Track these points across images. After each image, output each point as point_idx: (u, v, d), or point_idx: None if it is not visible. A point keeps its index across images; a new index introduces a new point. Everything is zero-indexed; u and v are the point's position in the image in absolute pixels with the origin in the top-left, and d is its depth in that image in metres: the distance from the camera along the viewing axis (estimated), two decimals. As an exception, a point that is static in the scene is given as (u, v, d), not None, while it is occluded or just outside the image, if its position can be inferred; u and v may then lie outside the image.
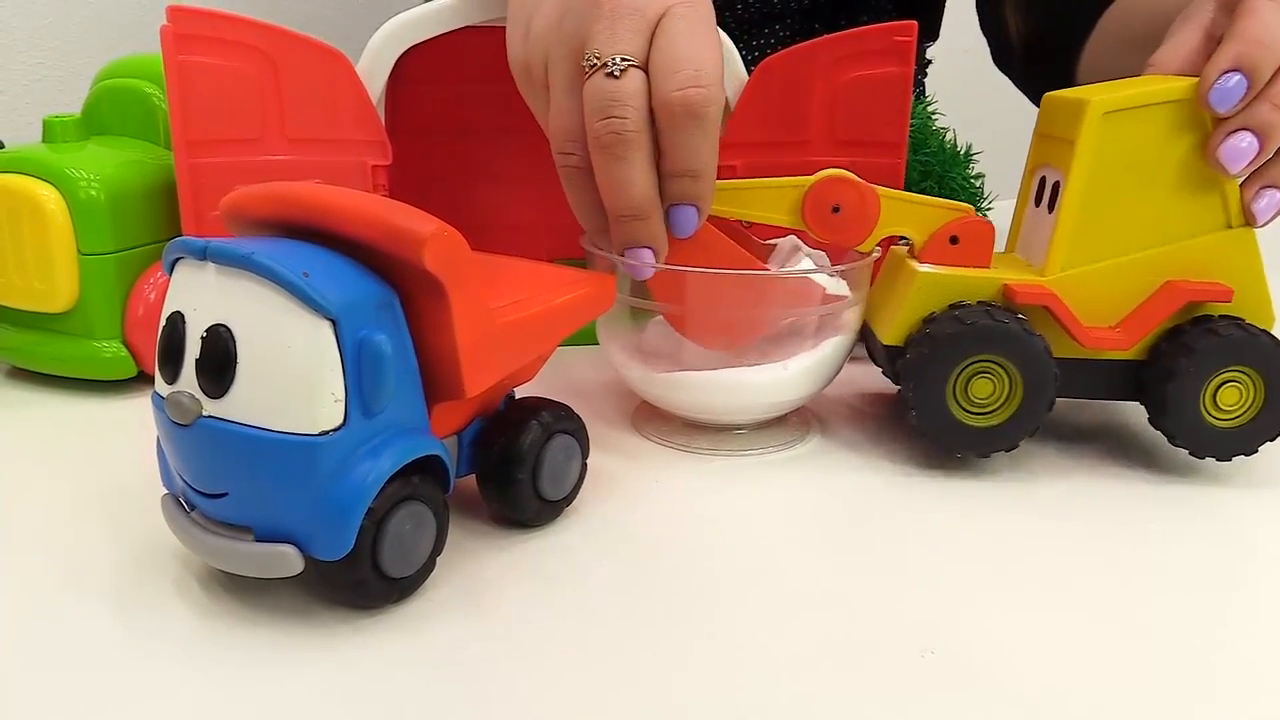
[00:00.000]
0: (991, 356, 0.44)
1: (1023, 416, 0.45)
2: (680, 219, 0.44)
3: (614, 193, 0.42)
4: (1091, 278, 0.46)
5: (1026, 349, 0.44)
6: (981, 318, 0.44)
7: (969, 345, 0.44)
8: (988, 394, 0.45)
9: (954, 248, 0.46)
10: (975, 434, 0.45)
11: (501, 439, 0.39)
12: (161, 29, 0.49)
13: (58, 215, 0.51)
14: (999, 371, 0.44)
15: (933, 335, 0.44)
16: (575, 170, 0.44)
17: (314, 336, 0.32)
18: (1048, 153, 0.48)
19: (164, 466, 0.36)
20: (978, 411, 0.45)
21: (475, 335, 0.35)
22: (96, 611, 0.35)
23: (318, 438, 0.32)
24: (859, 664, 0.33)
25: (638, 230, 0.43)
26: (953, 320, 0.44)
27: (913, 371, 0.45)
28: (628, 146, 0.41)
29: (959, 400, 0.45)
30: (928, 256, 0.47)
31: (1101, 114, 0.44)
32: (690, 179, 0.43)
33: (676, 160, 0.42)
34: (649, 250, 0.44)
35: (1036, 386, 0.44)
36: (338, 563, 0.33)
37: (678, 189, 0.43)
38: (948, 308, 0.45)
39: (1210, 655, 0.34)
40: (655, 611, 0.36)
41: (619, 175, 0.42)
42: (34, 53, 1.08)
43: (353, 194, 0.35)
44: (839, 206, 0.46)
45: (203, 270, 0.33)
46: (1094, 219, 0.45)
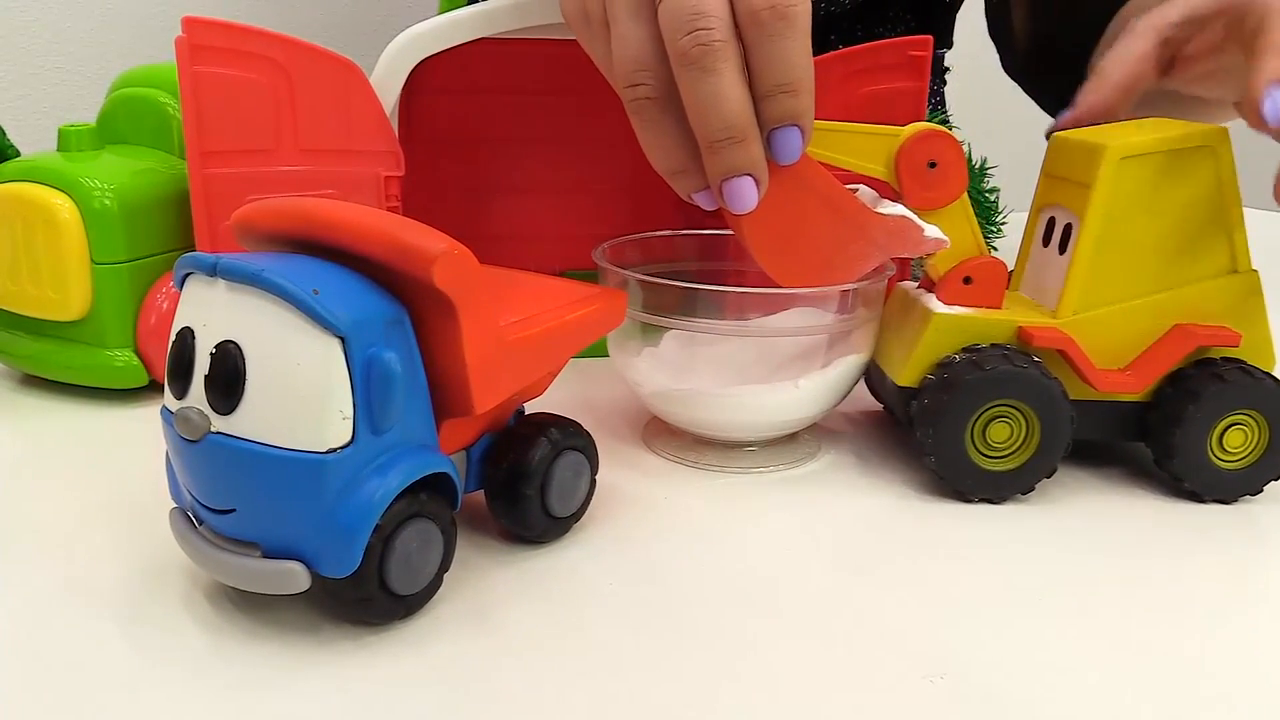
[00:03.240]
0: (1010, 401, 0.44)
1: (1039, 460, 0.45)
2: (783, 141, 0.40)
3: (707, 112, 0.38)
4: (1103, 320, 0.46)
5: (1045, 394, 0.44)
6: (1000, 363, 0.44)
7: (989, 391, 0.44)
8: (1005, 438, 0.44)
9: (968, 288, 0.46)
10: (992, 478, 0.45)
11: (510, 455, 0.39)
12: (176, 40, 0.50)
13: (71, 224, 0.51)
14: (1017, 416, 0.44)
15: (952, 381, 0.44)
16: (648, 102, 0.40)
17: (323, 354, 0.32)
18: (1057, 193, 0.48)
19: (172, 480, 0.36)
20: (995, 456, 0.45)
21: (484, 352, 0.35)
22: (103, 625, 0.35)
23: (325, 455, 0.32)
24: (867, 686, 0.33)
25: (736, 154, 0.39)
26: (971, 365, 0.44)
27: (932, 417, 0.44)
28: (717, 57, 0.37)
29: (976, 445, 0.44)
30: (943, 296, 0.46)
31: (1119, 159, 0.44)
32: (789, 94, 0.39)
33: (771, 74, 0.38)
34: (749, 179, 0.39)
35: (1053, 430, 0.44)
36: (345, 580, 0.33)
37: (776, 108, 0.39)
38: (962, 350, 0.45)
39: (1225, 673, 0.34)
40: (662, 630, 0.36)
41: (712, 90, 0.38)
42: (50, 60, 1.08)
43: (363, 210, 0.35)
44: (935, 162, 0.44)
45: (213, 286, 0.33)
46: (1107, 262, 0.45)
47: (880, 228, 0.44)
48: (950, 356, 0.45)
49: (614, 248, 0.51)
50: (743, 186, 0.40)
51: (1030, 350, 0.45)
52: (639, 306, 0.47)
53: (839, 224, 0.43)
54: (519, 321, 0.38)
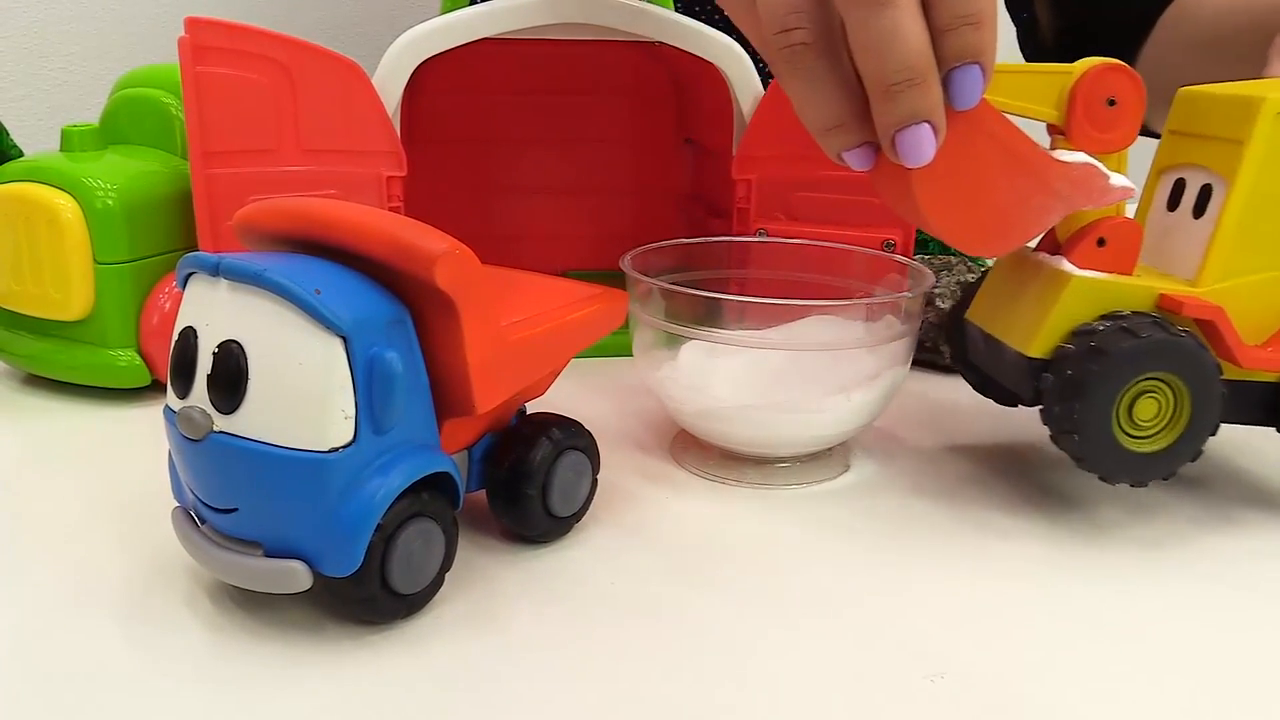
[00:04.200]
0: (1162, 375, 0.40)
1: (1186, 441, 0.41)
2: (963, 82, 0.35)
3: (882, 52, 0.34)
4: (1247, 290, 0.42)
5: (1200, 366, 0.40)
6: (1154, 330, 0.40)
7: (1142, 361, 0.40)
8: (1152, 415, 0.41)
9: (1101, 250, 0.42)
10: (1137, 460, 0.41)
11: (512, 455, 0.39)
12: (179, 40, 0.50)
13: (74, 224, 0.51)
14: (1165, 391, 0.41)
15: (1101, 349, 0.39)
16: (804, 48, 0.35)
17: (325, 354, 0.32)
18: (1191, 152, 0.44)
19: (175, 479, 0.36)
20: (1140, 435, 0.41)
21: (486, 352, 0.35)
22: (105, 624, 0.35)
23: (328, 455, 0.32)
24: (868, 687, 0.33)
25: (915, 98, 0.35)
26: (1122, 333, 0.40)
27: (1074, 390, 0.40)
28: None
29: (1122, 422, 0.41)
30: (1077, 259, 0.42)
31: (1275, 113, 0.41)
32: (971, 27, 0.34)
33: (951, 4, 0.34)
34: (927, 126, 0.35)
35: (1204, 408, 0.41)
36: (347, 579, 0.33)
37: (957, 43, 0.35)
38: (1102, 318, 0.41)
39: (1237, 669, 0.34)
40: (664, 630, 0.36)
41: (890, 25, 0.34)
42: (53, 61, 1.08)
43: (365, 210, 0.35)
44: (1115, 99, 0.41)
45: (215, 286, 0.33)
46: (1256, 226, 0.42)
47: (1063, 177, 0.40)
48: (1089, 324, 0.41)
49: (641, 255, 0.49)
50: (920, 135, 0.35)
51: (1174, 320, 0.41)
52: (661, 315, 0.46)
53: (1020, 175, 0.39)
54: (520, 321, 0.38)
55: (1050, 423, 0.41)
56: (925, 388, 0.58)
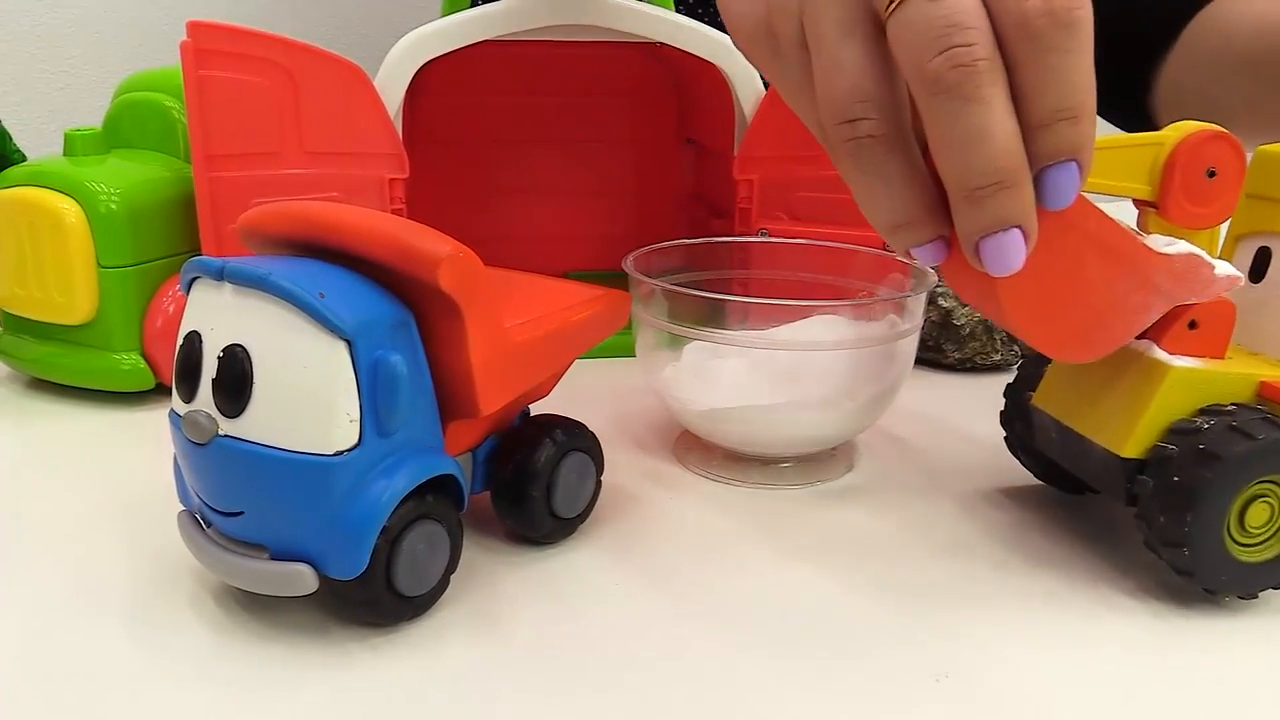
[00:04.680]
0: (1277, 477, 0.37)
1: None
2: (1059, 182, 0.31)
3: (968, 152, 0.30)
4: None
5: None
6: (1268, 429, 0.36)
7: (1258, 465, 0.36)
8: (1264, 521, 0.37)
9: (1193, 334, 0.38)
10: (1249, 571, 0.37)
11: (515, 456, 0.39)
12: (181, 44, 0.50)
13: (78, 228, 0.52)
14: (1278, 494, 0.37)
15: (1213, 453, 0.36)
16: (872, 141, 0.31)
17: (329, 357, 0.32)
18: (1275, 219, 0.41)
19: (180, 483, 0.36)
20: (1251, 544, 0.37)
21: (490, 354, 0.35)
22: (111, 627, 0.35)
23: (333, 458, 0.32)
24: (873, 687, 0.33)
25: (1005, 203, 0.30)
26: (1234, 433, 0.36)
27: (1184, 498, 0.36)
28: (982, 81, 0.29)
29: (1232, 532, 0.37)
30: (1169, 346, 0.38)
31: None
32: (1069, 122, 0.30)
33: (1049, 97, 0.30)
34: (1018, 232, 0.31)
35: None
36: (352, 581, 0.33)
37: (1053, 140, 0.31)
38: (1199, 413, 0.37)
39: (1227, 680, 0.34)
40: (668, 631, 0.36)
41: (978, 124, 0.30)
42: (54, 64, 1.09)
43: (368, 213, 0.35)
44: (1215, 170, 0.38)
45: (219, 290, 0.33)
46: None
47: (1165, 270, 0.36)
48: (1190, 421, 0.37)
49: (643, 256, 0.49)
50: (1008, 243, 0.31)
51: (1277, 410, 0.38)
52: (665, 316, 0.46)
53: (1117, 273, 0.35)
54: (524, 323, 0.38)
55: (1152, 533, 0.37)
56: (927, 387, 0.59)
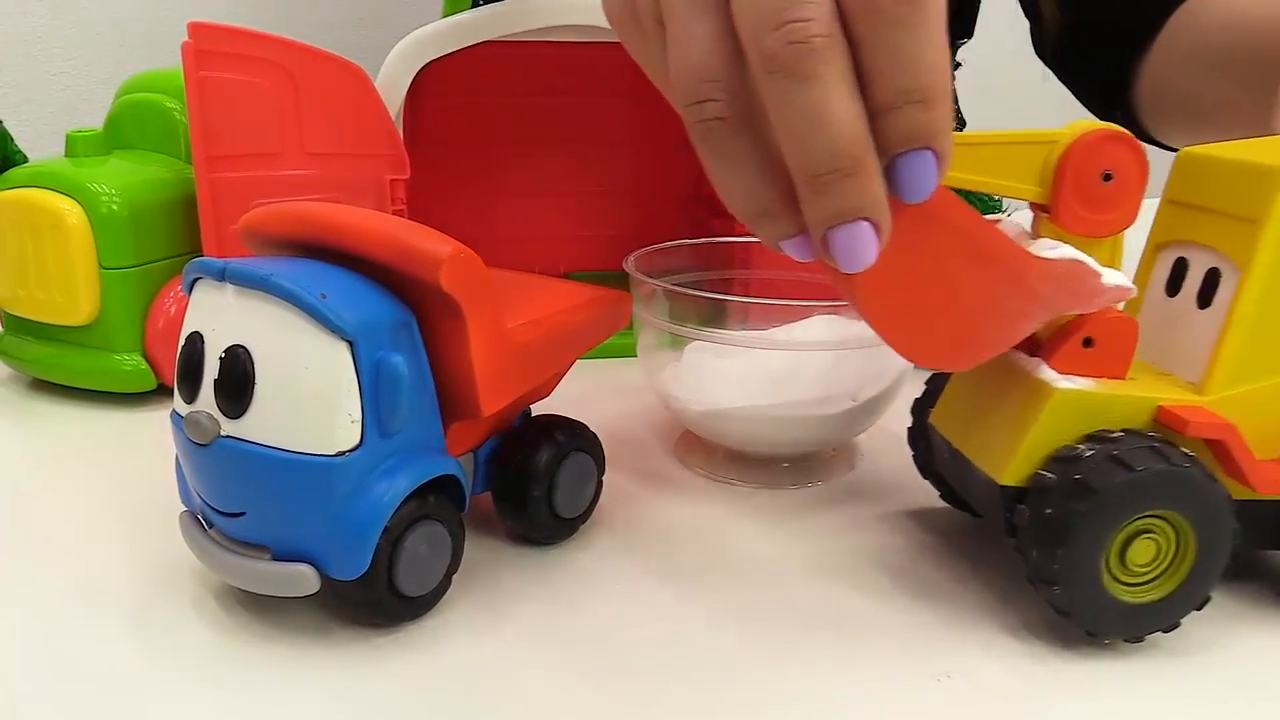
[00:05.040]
0: (1163, 512, 0.34)
1: (1190, 587, 0.34)
2: (912, 171, 0.28)
3: (806, 136, 0.28)
4: (1265, 397, 0.35)
5: (1209, 501, 0.34)
6: (1151, 460, 0.33)
7: (1140, 499, 0.33)
8: (1149, 559, 0.34)
9: (1088, 352, 0.35)
10: (1132, 613, 0.34)
11: (517, 457, 0.39)
12: (182, 45, 0.50)
13: (79, 229, 0.52)
14: (1165, 529, 0.34)
15: (1088, 484, 0.33)
16: (719, 124, 0.29)
17: (331, 357, 0.32)
18: (1194, 227, 0.37)
19: (182, 484, 0.37)
20: (1135, 583, 0.34)
21: (492, 355, 0.35)
22: (113, 628, 0.35)
23: (334, 458, 0.32)
24: (876, 687, 0.33)
25: (848, 192, 0.28)
26: (1114, 464, 0.33)
27: (1057, 533, 0.33)
28: (819, 59, 0.27)
29: (1113, 569, 0.34)
30: (1059, 364, 0.35)
31: None
32: (918, 106, 0.28)
33: (895, 77, 0.28)
34: (866, 224, 0.28)
35: (1213, 548, 0.34)
36: (354, 582, 0.33)
37: (902, 124, 0.28)
38: (1086, 439, 0.34)
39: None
40: (671, 631, 0.36)
41: (814, 105, 0.27)
42: (55, 65, 1.09)
43: (370, 214, 0.35)
44: (1111, 173, 0.34)
45: (221, 291, 0.33)
46: (1275, 320, 0.35)
47: (1045, 276, 0.33)
48: (1072, 448, 0.34)
49: (644, 256, 0.49)
50: (856, 236, 0.29)
51: (1177, 440, 0.34)
52: (665, 316, 0.46)
53: (989, 276, 0.33)
54: (525, 324, 0.38)
55: (1029, 568, 0.35)
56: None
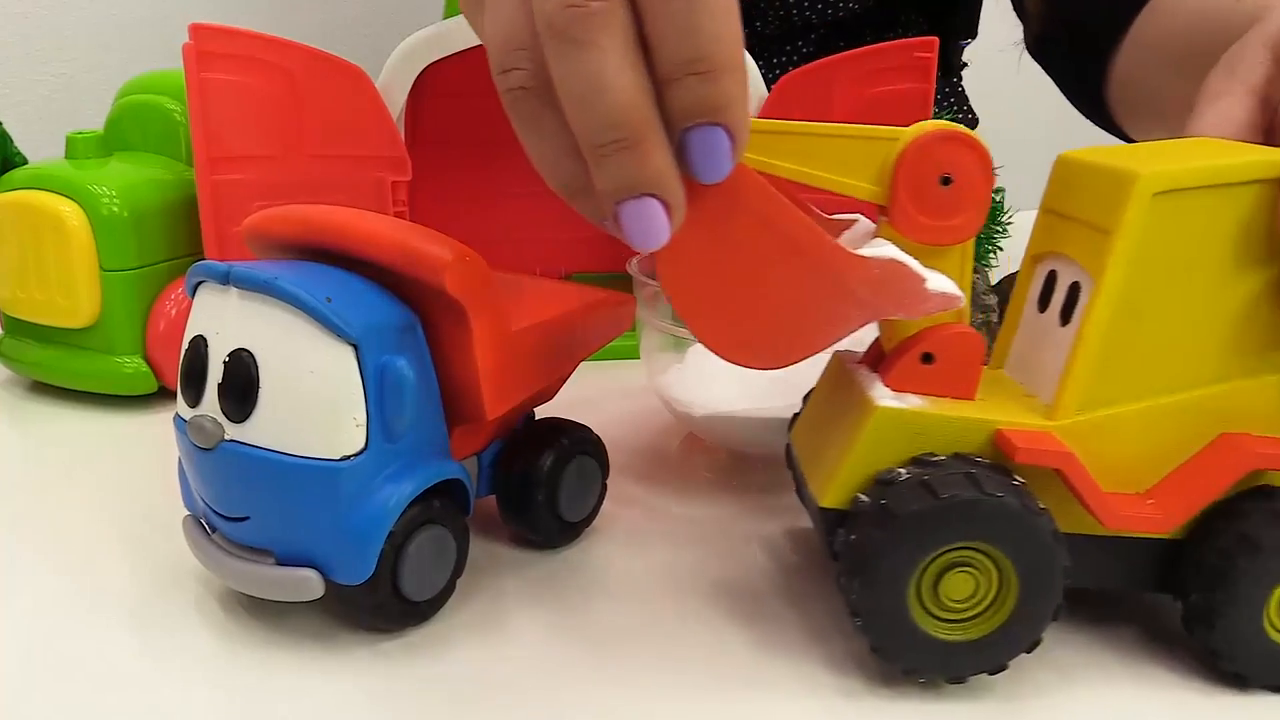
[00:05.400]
0: (975, 544, 0.31)
1: (1016, 628, 0.32)
2: (700, 147, 0.27)
3: (584, 104, 0.27)
4: (1119, 424, 0.33)
5: (1027, 535, 0.31)
6: (962, 488, 0.30)
7: (943, 529, 0.31)
8: (966, 595, 0.32)
9: (927, 369, 0.33)
10: (947, 650, 0.32)
11: (521, 461, 0.39)
12: (184, 47, 0.50)
13: (80, 231, 0.51)
14: (984, 564, 0.31)
15: (890, 512, 0.31)
16: (525, 94, 0.28)
17: (336, 362, 0.32)
18: (1061, 238, 0.34)
19: (185, 487, 0.36)
20: (951, 619, 0.32)
21: (496, 359, 0.35)
22: (116, 632, 0.35)
23: (339, 463, 0.32)
24: (884, 689, 0.33)
25: (627, 166, 0.27)
26: (920, 490, 0.31)
27: (859, 561, 0.31)
28: (592, 24, 0.26)
29: (925, 603, 0.32)
30: (894, 382, 0.33)
31: (1152, 194, 0.31)
32: (702, 77, 0.26)
33: (675, 47, 0.26)
34: (653, 201, 0.27)
35: (1038, 586, 0.31)
36: (358, 586, 0.33)
37: (684, 98, 0.27)
38: (911, 462, 0.32)
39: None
40: (675, 634, 0.36)
41: (588, 72, 0.26)
42: (53, 67, 1.08)
43: (374, 217, 0.35)
44: (951, 177, 0.32)
45: (225, 294, 0.33)
46: (1130, 342, 0.32)
47: (861, 277, 0.31)
48: (892, 471, 0.32)
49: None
50: (644, 213, 0.27)
51: (1011, 467, 0.32)
52: (669, 319, 0.45)
53: (801, 271, 0.31)
54: (530, 327, 0.38)
55: (845, 597, 0.32)
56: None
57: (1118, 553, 0.33)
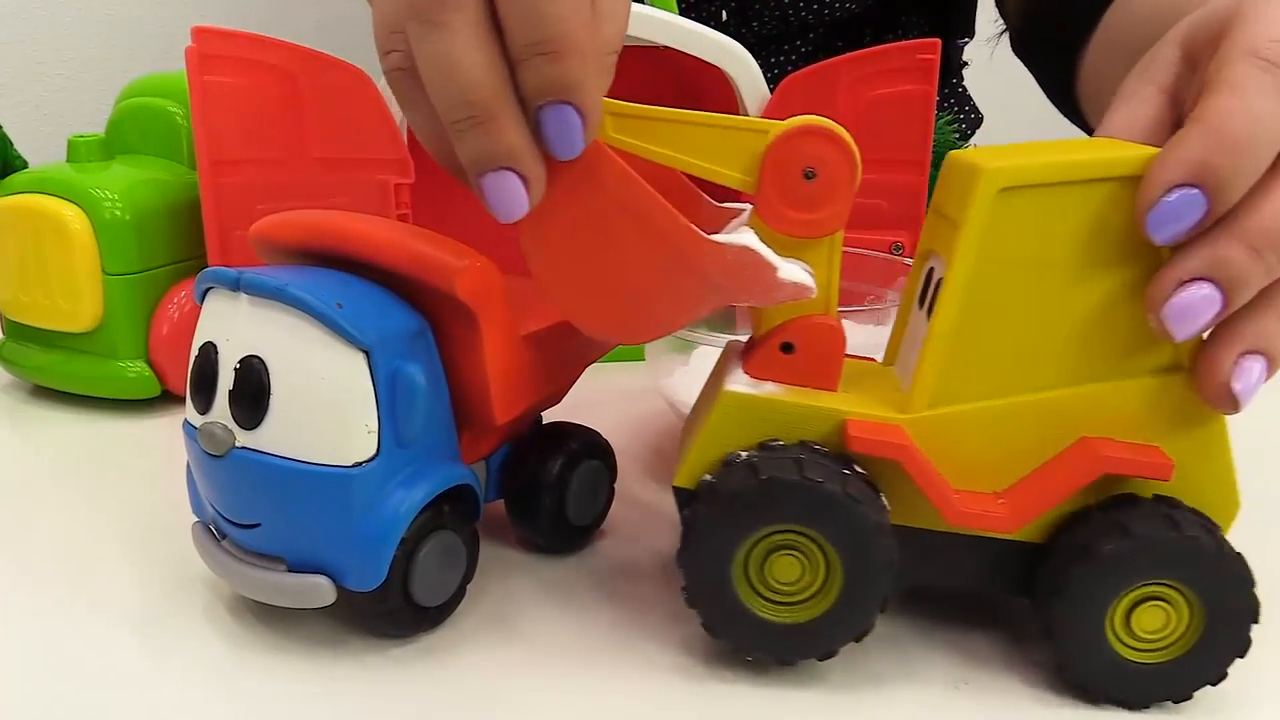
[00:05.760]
0: (797, 528, 0.32)
1: (842, 614, 0.32)
2: (550, 126, 0.29)
3: (439, 82, 0.29)
4: (973, 421, 0.32)
5: (847, 522, 0.31)
6: (785, 471, 0.31)
7: (760, 510, 0.31)
8: (794, 578, 0.32)
9: (787, 359, 0.33)
10: (774, 632, 0.32)
11: (529, 465, 0.39)
12: (187, 50, 0.50)
13: (82, 235, 0.51)
14: (811, 549, 0.32)
15: (716, 489, 0.32)
16: (402, 74, 0.31)
17: (347, 368, 0.32)
18: (936, 235, 0.34)
19: (194, 494, 0.36)
20: (779, 601, 0.33)
21: (506, 363, 0.35)
22: (124, 638, 0.35)
23: (351, 469, 0.32)
24: (893, 694, 0.33)
25: (481, 141, 0.29)
26: (745, 470, 0.31)
27: (687, 537, 0.32)
28: (448, 7, 0.28)
29: (753, 583, 0.33)
30: (753, 369, 0.34)
31: (997, 190, 0.31)
32: (548, 59, 0.28)
33: (521, 29, 0.28)
34: (511, 175, 0.29)
35: (862, 575, 0.32)
36: (369, 593, 0.33)
37: (532, 78, 0.29)
38: (758, 446, 0.32)
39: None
40: (685, 638, 0.36)
41: (442, 51, 0.28)
42: (56, 69, 1.08)
43: (382, 222, 0.35)
44: (814, 171, 0.32)
45: (235, 301, 0.33)
46: (983, 338, 0.32)
47: (713, 260, 0.32)
48: (735, 454, 0.32)
49: None
50: (502, 185, 0.30)
51: (852, 457, 0.32)
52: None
53: (655, 252, 0.32)
54: (539, 331, 0.38)
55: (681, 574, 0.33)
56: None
57: (973, 552, 0.33)
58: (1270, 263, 0.29)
